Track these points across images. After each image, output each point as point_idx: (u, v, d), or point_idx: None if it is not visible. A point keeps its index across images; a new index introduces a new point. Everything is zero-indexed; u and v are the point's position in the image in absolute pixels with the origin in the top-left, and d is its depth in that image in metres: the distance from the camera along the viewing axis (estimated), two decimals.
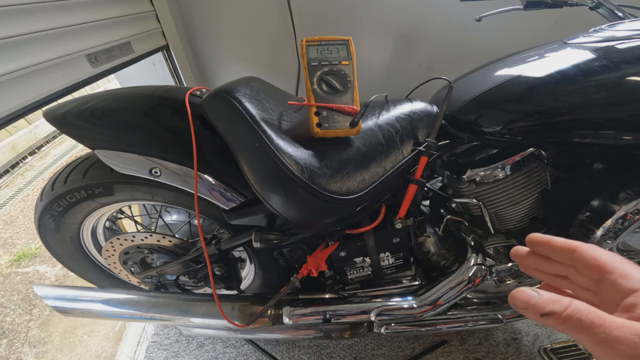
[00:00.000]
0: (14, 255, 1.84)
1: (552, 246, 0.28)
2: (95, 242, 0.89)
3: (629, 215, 0.59)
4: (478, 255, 0.76)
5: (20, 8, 0.67)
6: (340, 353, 1.10)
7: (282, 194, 0.56)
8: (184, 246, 0.82)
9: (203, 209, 0.73)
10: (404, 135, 0.65)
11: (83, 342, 1.29)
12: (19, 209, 2.32)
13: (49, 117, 0.62)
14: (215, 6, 1.33)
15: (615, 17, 0.74)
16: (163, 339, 1.20)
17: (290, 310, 0.80)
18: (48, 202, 0.73)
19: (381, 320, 0.80)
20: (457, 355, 1.06)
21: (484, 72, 0.71)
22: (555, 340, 1.06)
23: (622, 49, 0.57)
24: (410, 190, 0.67)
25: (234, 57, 1.49)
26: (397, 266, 0.82)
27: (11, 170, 2.86)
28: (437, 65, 1.46)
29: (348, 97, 0.58)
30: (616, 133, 0.55)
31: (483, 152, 0.72)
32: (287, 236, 0.68)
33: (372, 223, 0.71)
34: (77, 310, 0.79)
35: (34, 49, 0.70)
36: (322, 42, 0.59)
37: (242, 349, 1.14)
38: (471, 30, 1.32)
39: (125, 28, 1.00)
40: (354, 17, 1.36)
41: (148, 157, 0.64)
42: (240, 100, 0.56)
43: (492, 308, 0.87)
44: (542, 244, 0.29)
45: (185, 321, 0.80)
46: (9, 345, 1.34)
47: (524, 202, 0.73)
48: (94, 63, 0.88)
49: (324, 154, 0.58)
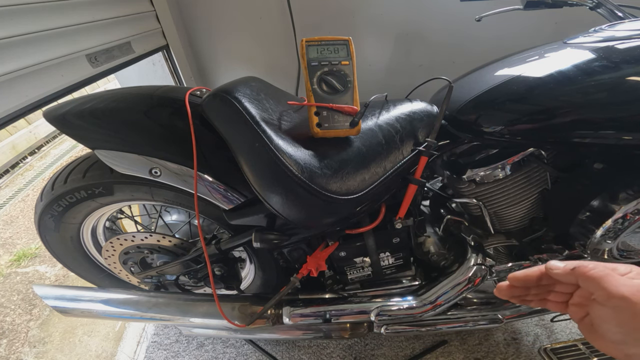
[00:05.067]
0: (14, 255, 1.84)
1: (530, 276, 0.35)
2: (95, 242, 0.89)
3: (629, 215, 0.59)
4: (478, 255, 0.76)
5: (20, 8, 0.67)
6: (340, 353, 1.10)
7: (282, 194, 0.56)
8: (184, 246, 0.82)
9: (203, 209, 0.73)
10: (404, 135, 0.65)
11: (83, 342, 1.29)
12: (19, 209, 2.32)
13: (49, 117, 0.62)
14: (215, 6, 1.33)
15: (615, 17, 0.74)
16: (163, 339, 1.20)
17: (290, 310, 0.80)
18: (48, 202, 0.73)
19: (381, 320, 0.80)
20: (457, 355, 1.06)
21: (484, 72, 0.71)
22: (555, 340, 1.06)
23: (622, 49, 0.57)
24: (410, 190, 0.67)
25: (234, 57, 1.49)
26: (397, 266, 0.82)
27: (11, 170, 2.86)
28: (437, 65, 1.46)
29: (348, 97, 0.58)
30: (616, 133, 0.55)
31: (483, 152, 0.72)
32: (287, 236, 0.68)
33: (372, 223, 0.71)
34: (77, 310, 0.79)
35: (34, 49, 0.70)
36: (322, 42, 0.59)
37: (242, 349, 1.14)
38: (471, 30, 1.32)
39: (125, 28, 1.00)
40: (354, 17, 1.36)
41: (148, 157, 0.64)
42: (240, 100, 0.56)
43: (492, 308, 0.87)
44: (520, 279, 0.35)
45: (185, 321, 0.80)
46: (9, 345, 1.34)
47: (524, 202, 0.73)
48: (94, 63, 0.88)
49: (324, 154, 0.58)
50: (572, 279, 0.31)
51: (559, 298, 0.34)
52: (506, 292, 0.37)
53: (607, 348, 0.30)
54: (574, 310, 0.33)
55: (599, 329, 0.30)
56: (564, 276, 0.32)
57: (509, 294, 0.37)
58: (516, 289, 0.36)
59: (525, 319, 1.02)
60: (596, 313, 0.30)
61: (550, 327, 1.11)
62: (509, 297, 0.37)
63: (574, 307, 0.33)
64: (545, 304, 0.35)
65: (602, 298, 0.29)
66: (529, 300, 0.37)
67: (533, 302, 0.37)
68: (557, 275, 0.32)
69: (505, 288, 0.37)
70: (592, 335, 0.31)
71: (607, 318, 0.29)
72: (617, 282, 0.28)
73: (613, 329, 0.29)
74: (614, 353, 0.30)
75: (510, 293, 0.37)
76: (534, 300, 0.36)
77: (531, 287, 0.36)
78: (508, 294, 0.37)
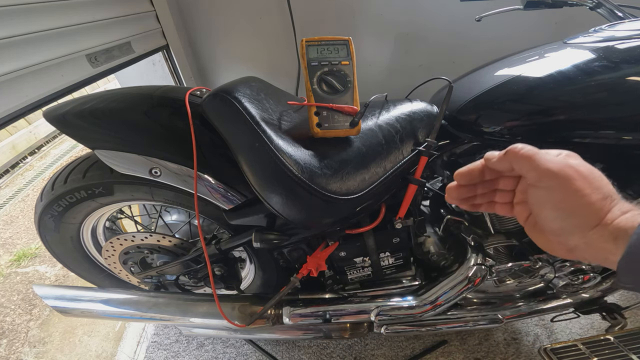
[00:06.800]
0: (14, 255, 1.84)
1: (473, 170, 0.35)
2: (95, 242, 0.89)
3: None
4: (478, 255, 0.76)
5: (20, 8, 0.67)
6: (340, 353, 1.10)
7: (282, 194, 0.56)
8: (184, 246, 0.82)
9: (203, 209, 0.73)
10: (404, 135, 0.65)
11: (83, 342, 1.29)
12: (19, 209, 2.32)
13: (49, 117, 0.62)
14: (215, 6, 1.33)
15: (615, 17, 0.74)
16: (163, 339, 1.20)
17: (290, 310, 0.80)
18: (48, 202, 0.73)
19: (381, 320, 0.80)
20: (457, 355, 1.06)
21: (484, 72, 0.71)
22: (555, 340, 1.07)
23: (622, 49, 0.57)
24: (410, 190, 0.67)
25: (234, 57, 1.49)
26: (397, 266, 0.82)
27: (11, 170, 2.86)
28: (437, 65, 1.46)
29: (348, 97, 0.58)
30: (616, 133, 0.55)
31: (483, 152, 0.71)
32: (287, 236, 0.68)
33: (372, 223, 0.71)
34: (77, 310, 0.79)
35: (34, 49, 0.70)
36: (322, 42, 0.59)
37: (242, 349, 1.14)
38: (471, 30, 1.32)
39: (125, 28, 1.00)
40: (354, 17, 1.36)
41: (148, 157, 0.64)
42: (240, 100, 0.56)
43: (492, 308, 0.87)
44: (465, 174, 0.35)
45: (185, 321, 0.80)
46: (9, 345, 1.34)
47: None
48: (94, 63, 0.88)
49: (324, 154, 0.58)
50: (507, 164, 0.31)
51: (505, 198, 0.34)
52: (455, 193, 0.36)
53: (551, 244, 0.31)
54: (519, 210, 0.33)
55: (539, 221, 0.30)
56: (500, 163, 0.31)
57: (458, 195, 0.36)
58: (463, 188, 0.36)
59: (525, 319, 1.02)
60: (533, 199, 0.30)
61: (550, 327, 1.11)
62: (459, 201, 0.37)
63: (518, 207, 0.33)
64: (494, 208, 0.35)
65: (534, 179, 0.29)
66: (479, 204, 0.36)
67: (482, 206, 0.36)
68: (494, 164, 0.32)
69: (454, 188, 0.36)
70: (536, 233, 0.32)
71: (543, 202, 0.29)
72: (545, 159, 0.28)
73: (550, 215, 0.29)
74: (558, 249, 0.30)
75: (458, 194, 0.36)
76: (483, 204, 0.36)
77: (477, 185, 0.35)
78: (456, 195, 0.36)
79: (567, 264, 0.79)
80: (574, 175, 0.27)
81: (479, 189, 0.36)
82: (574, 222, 0.28)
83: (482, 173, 0.34)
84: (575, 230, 0.28)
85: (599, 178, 0.28)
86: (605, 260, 0.27)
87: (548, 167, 0.28)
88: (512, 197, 0.34)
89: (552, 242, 0.30)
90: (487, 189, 0.36)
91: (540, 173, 0.28)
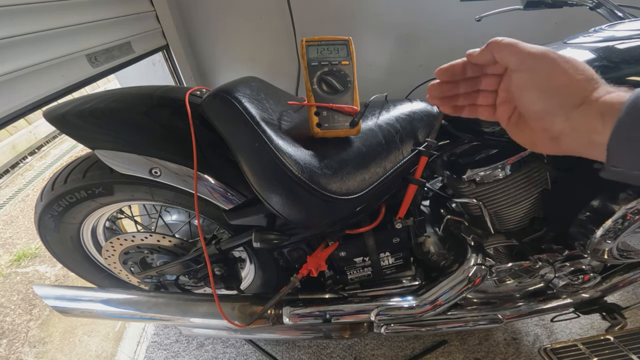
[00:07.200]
0: (14, 255, 1.84)
1: (455, 65, 0.34)
2: (95, 242, 0.89)
3: (629, 215, 0.59)
4: (478, 255, 0.76)
5: (20, 8, 0.67)
6: (340, 353, 1.10)
7: (282, 194, 0.56)
8: (184, 246, 0.82)
9: (203, 209, 0.73)
10: (404, 135, 0.65)
11: (83, 342, 1.29)
12: (19, 209, 2.32)
13: (49, 117, 0.62)
14: (215, 6, 1.33)
15: (615, 17, 0.74)
16: (163, 339, 1.20)
17: (290, 310, 0.80)
18: (48, 202, 0.73)
19: (381, 320, 0.80)
20: (457, 355, 1.06)
21: None
22: (555, 340, 1.07)
23: (622, 49, 0.57)
24: (410, 190, 0.67)
25: (234, 57, 1.49)
26: (397, 266, 0.82)
27: (11, 170, 2.87)
28: (437, 65, 1.43)
29: (348, 97, 0.58)
30: None
31: (483, 152, 0.71)
32: (287, 236, 0.68)
33: (372, 223, 0.71)
34: (77, 310, 0.79)
35: (34, 49, 0.70)
36: (322, 42, 0.59)
37: (242, 349, 1.14)
38: (471, 30, 1.32)
39: (125, 28, 1.00)
40: (354, 17, 1.36)
41: (148, 157, 0.64)
42: (240, 100, 0.56)
43: (492, 308, 0.87)
44: (446, 69, 0.35)
45: (185, 321, 0.80)
46: (9, 345, 1.34)
47: (524, 202, 0.73)
48: (94, 63, 0.88)
49: (324, 154, 0.58)
50: (488, 55, 0.31)
51: (487, 100, 0.34)
52: (436, 90, 0.36)
53: (535, 135, 0.30)
54: (501, 111, 0.33)
55: (522, 106, 0.30)
56: (482, 55, 0.31)
57: (439, 92, 0.36)
58: (445, 85, 0.35)
59: (525, 319, 1.02)
60: (515, 85, 0.30)
61: (550, 327, 1.11)
62: (440, 100, 0.36)
63: (501, 107, 0.33)
64: (476, 111, 0.35)
65: (516, 63, 0.29)
66: (461, 106, 0.36)
67: (465, 110, 0.36)
68: (476, 58, 0.32)
69: (436, 85, 0.36)
70: (519, 129, 0.32)
71: (525, 84, 0.29)
72: (527, 45, 0.29)
73: (533, 96, 0.29)
74: (542, 139, 0.30)
75: (440, 91, 0.36)
76: (466, 107, 0.36)
77: (459, 83, 0.35)
78: (438, 93, 0.36)
79: (567, 264, 0.79)
80: (556, 57, 0.27)
81: (461, 88, 0.35)
82: (557, 101, 0.27)
83: (464, 69, 0.34)
84: (559, 111, 0.27)
85: (582, 63, 0.28)
86: (591, 144, 0.26)
87: (530, 51, 0.28)
88: (494, 99, 0.34)
89: (536, 130, 0.30)
90: (469, 89, 0.35)
91: (523, 56, 0.28)
